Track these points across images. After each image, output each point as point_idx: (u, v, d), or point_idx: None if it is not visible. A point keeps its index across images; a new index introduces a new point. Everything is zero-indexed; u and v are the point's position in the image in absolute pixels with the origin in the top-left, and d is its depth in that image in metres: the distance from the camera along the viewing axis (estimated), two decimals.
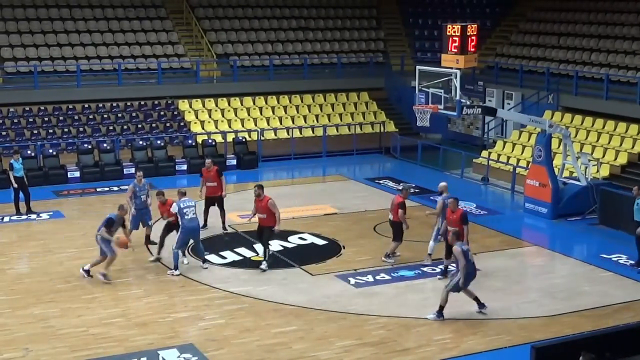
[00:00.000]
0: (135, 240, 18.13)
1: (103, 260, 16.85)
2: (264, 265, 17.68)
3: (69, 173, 26.18)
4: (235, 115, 31.16)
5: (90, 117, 29.46)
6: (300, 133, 30.89)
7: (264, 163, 29.00)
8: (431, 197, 24.26)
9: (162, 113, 30.40)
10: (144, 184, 19.55)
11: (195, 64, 31.90)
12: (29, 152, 26.42)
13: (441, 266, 17.60)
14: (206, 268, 17.77)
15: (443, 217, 17.61)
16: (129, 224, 18.67)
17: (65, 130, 28.60)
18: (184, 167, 27.55)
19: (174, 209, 17.77)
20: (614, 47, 29.36)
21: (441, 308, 15.08)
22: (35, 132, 28.15)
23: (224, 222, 20.73)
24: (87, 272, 17.03)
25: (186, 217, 17.62)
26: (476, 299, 15.32)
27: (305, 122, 31.64)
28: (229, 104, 31.58)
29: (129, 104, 30.25)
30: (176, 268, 17.50)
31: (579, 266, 18.61)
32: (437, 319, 15.05)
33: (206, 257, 18.50)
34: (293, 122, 31.38)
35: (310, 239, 20.15)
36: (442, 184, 18.76)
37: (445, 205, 17.60)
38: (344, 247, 19.45)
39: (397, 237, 18.21)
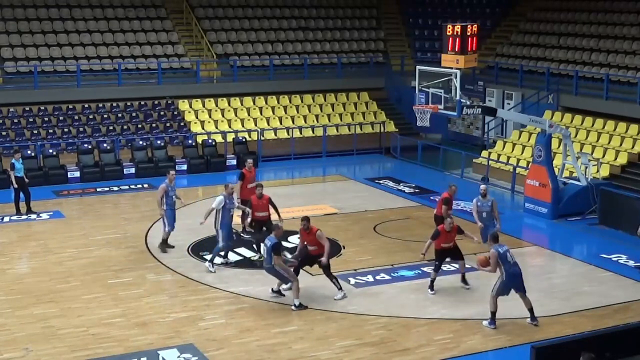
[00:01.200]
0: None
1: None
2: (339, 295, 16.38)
3: (69, 173, 26.18)
4: (235, 115, 31.16)
5: (90, 117, 29.46)
6: (300, 133, 30.89)
7: (264, 163, 29.00)
8: (431, 197, 24.29)
9: (162, 113, 30.40)
10: (174, 184, 19.34)
11: (195, 64, 31.90)
12: (29, 152, 26.41)
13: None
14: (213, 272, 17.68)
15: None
16: (165, 225, 18.64)
17: (65, 130, 28.60)
18: (184, 167, 27.55)
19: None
20: (614, 47, 29.36)
21: (493, 314, 14.88)
22: (35, 132, 28.15)
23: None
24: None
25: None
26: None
27: (305, 122, 31.64)
28: (229, 104, 31.58)
29: (129, 104, 30.25)
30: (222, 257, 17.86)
31: (579, 266, 18.62)
32: (489, 326, 14.83)
33: (206, 257, 18.50)
34: (293, 122, 31.39)
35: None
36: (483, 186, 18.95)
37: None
38: (344, 247, 19.45)
39: None
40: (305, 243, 16.22)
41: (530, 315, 14.96)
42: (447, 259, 16.82)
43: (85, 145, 27.36)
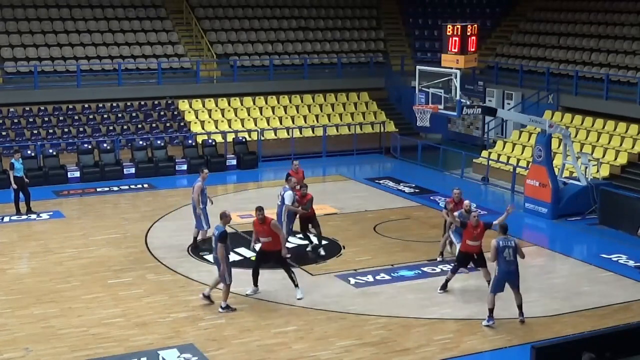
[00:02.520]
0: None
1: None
2: (299, 294, 16.27)
3: (69, 173, 26.17)
4: (235, 115, 31.16)
5: (90, 117, 29.46)
6: (300, 133, 30.89)
7: (264, 163, 29.00)
8: (431, 197, 24.30)
9: (162, 113, 30.40)
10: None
11: (195, 64, 31.90)
12: (29, 152, 26.41)
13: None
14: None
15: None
16: (203, 225, 18.70)
17: (65, 130, 28.60)
18: (184, 167, 27.56)
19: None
20: (614, 47, 29.36)
21: (490, 311, 14.94)
22: (35, 132, 28.15)
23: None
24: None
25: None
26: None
27: (305, 122, 31.64)
28: (229, 104, 31.58)
29: (129, 104, 30.25)
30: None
31: (579, 266, 18.62)
32: (488, 323, 14.87)
33: (205, 256, 18.50)
34: (293, 122, 31.38)
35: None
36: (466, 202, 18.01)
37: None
38: (344, 247, 19.45)
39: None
40: (259, 236, 15.99)
41: (519, 311, 14.98)
42: (470, 265, 16.43)
43: (85, 145, 27.36)
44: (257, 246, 16.53)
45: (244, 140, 29.33)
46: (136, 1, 33.78)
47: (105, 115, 29.68)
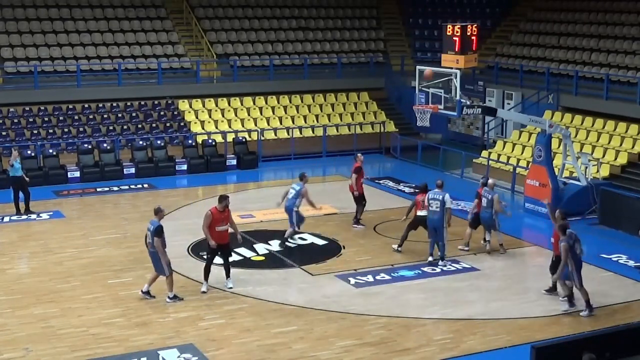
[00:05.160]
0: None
1: None
2: (230, 284, 16.74)
3: (69, 173, 26.18)
4: (235, 115, 31.17)
5: (90, 117, 29.47)
6: (300, 133, 30.89)
7: (264, 163, 29.00)
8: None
9: (162, 113, 30.40)
10: None
11: (195, 64, 31.91)
12: (29, 152, 26.42)
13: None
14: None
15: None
16: (294, 224, 19.46)
17: (65, 130, 28.61)
18: (184, 167, 27.56)
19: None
20: (614, 47, 29.36)
21: (587, 302, 15.32)
22: (35, 132, 28.15)
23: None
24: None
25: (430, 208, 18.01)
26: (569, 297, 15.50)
27: (305, 122, 31.64)
28: (229, 104, 31.59)
29: (129, 104, 30.26)
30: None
31: None
32: (591, 314, 15.27)
33: (205, 256, 18.49)
34: (293, 122, 31.39)
35: (310, 239, 20.14)
36: (490, 181, 19.50)
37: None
38: (344, 247, 19.45)
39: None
40: (216, 227, 16.12)
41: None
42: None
43: (85, 145, 27.36)
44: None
45: (244, 140, 29.33)
46: (136, 1, 33.78)
47: (105, 115, 29.68)
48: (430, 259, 18.21)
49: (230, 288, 16.45)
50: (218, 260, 18.36)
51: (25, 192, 22.29)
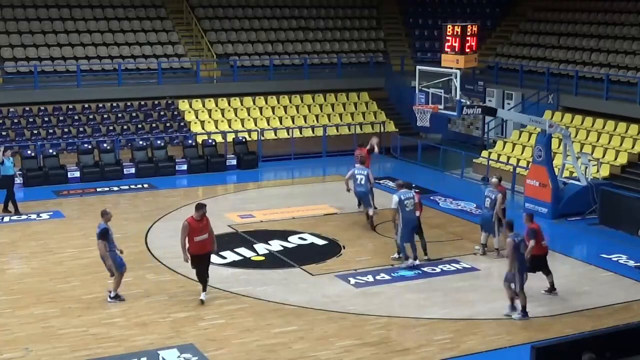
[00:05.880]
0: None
1: None
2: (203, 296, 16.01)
3: (69, 173, 26.16)
4: (235, 115, 31.17)
5: (91, 117, 29.47)
6: (300, 133, 30.89)
7: (264, 163, 28.99)
8: (431, 197, 24.30)
9: (162, 113, 30.41)
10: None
11: (195, 64, 31.91)
12: (29, 152, 26.42)
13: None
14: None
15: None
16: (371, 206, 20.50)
17: (65, 130, 28.61)
18: (184, 167, 27.55)
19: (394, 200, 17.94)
20: (614, 47, 29.36)
21: (523, 307, 15.20)
22: (35, 132, 28.15)
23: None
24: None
25: (406, 209, 17.76)
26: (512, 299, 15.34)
27: (305, 122, 31.64)
28: (229, 104, 31.59)
29: (129, 104, 30.26)
30: (407, 258, 17.84)
31: (579, 266, 18.62)
32: (523, 318, 15.14)
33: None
34: (293, 122, 31.39)
35: (310, 239, 20.15)
36: (494, 179, 19.22)
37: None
38: (344, 247, 19.45)
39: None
40: (194, 237, 15.45)
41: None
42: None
43: (85, 145, 27.36)
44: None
45: (244, 140, 29.32)
46: (136, 1, 33.79)
47: (105, 115, 29.68)
48: (425, 258, 18.23)
49: (202, 301, 15.75)
50: (218, 260, 18.42)
51: (10, 191, 22.19)
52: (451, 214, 22.57)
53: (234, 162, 28.39)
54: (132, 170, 26.85)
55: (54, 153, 26.71)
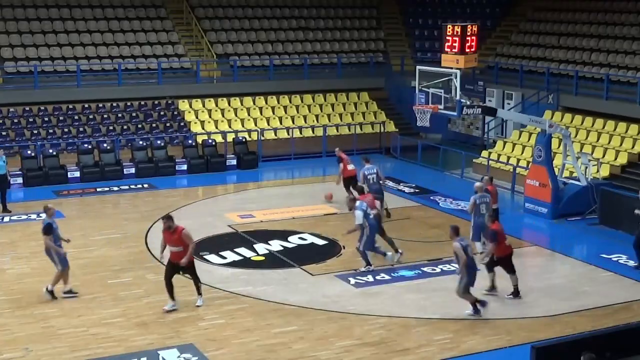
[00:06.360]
0: None
1: None
2: (199, 302, 15.79)
3: (69, 173, 26.17)
4: (235, 115, 31.17)
5: (91, 117, 29.47)
6: (300, 133, 30.89)
7: (264, 163, 29.00)
8: (431, 197, 24.31)
9: (162, 113, 30.41)
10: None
11: (195, 64, 31.91)
12: (29, 152, 26.42)
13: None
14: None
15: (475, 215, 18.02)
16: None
17: (65, 130, 28.61)
18: (184, 167, 27.55)
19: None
20: (614, 47, 29.36)
21: (474, 304, 15.20)
22: (35, 132, 28.15)
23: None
24: None
25: (370, 217, 17.73)
26: (474, 303, 15.29)
27: (305, 122, 31.64)
28: (229, 104, 31.59)
29: (129, 104, 30.26)
30: (368, 264, 17.79)
31: (579, 266, 18.62)
32: (474, 314, 15.16)
33: (206, 257, 18.53)
34: (293, 122, 31.39)
35: (310, 239, 20.15)
36: (478, 184, 18.98)
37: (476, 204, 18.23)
38: (344, 247, 19.44)
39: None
40: (167, 245, 15.31)
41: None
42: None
43: (85, 145, 27.36)
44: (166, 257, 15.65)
45: (244, 140, 29.32)
46: (136, 1, 33.79)
47: (105, 115, 29.68)
48: (399, 252, 18.32)
49: (198, 306, 15.51)
50: (218, 260, 18.43)
51: (3, 190, 22.25)
52: (451, 214, 22.57)
53: (234, 162, 28.39)
54: (132, 170, 26.85)
55: (54, 153, 26.71)
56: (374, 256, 18.09)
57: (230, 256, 18.69)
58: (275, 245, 19.50)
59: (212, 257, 18.61)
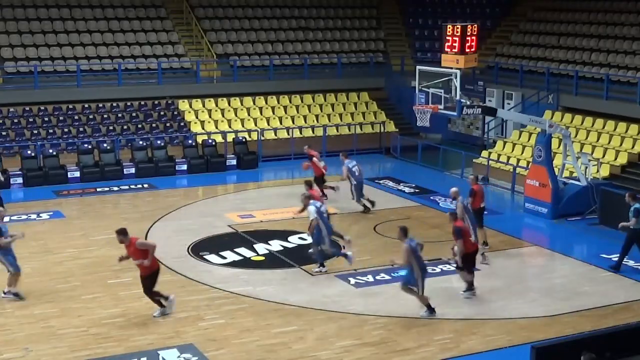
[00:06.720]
0: None
1: None
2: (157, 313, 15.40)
3: (69, 173, 26.18)
4: (235, 115, 31.17)
5: (91, 117, 29.47)
6: (300, 133, 30.89)
7: (264, 163, 29.00)
8: (431, 197, 24.31)
9: (162, 113, 30.40)
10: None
11: (195, 64, 31.91)
12: (29, 152, 26.42)
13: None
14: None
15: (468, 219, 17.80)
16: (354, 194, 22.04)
17: (65, 130, 28.61)
18: (184, 167, 27.56)
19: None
20: (614, 47, 29.36)
21: (427, 305, 15.18)
22: (35, 132, 28.15)
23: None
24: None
25: (324, 215, 17.76)
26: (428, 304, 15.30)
27: (305, 122, 31.64)
28: (229, 104, 31.59)
29: (129, 104, 30.26)
30: (323, 265, 17.83)
31: (579, 266, 18.61)
32: (430, 315, 15.12)
33: (206, 257, 18.53)
34: (293, 122, 31.39)
35: (310, 239, 20.09)
36: (454, 189, 18.64)
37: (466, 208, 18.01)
38: (343, 247, 19.42)
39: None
40: (131, 259, 15.01)
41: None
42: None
43: (85, 145, 27.36)
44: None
45: (244, 140, 29.33)
46: (136, 1, 33.78)
47: (105, 115, 29.68)
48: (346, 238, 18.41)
49: (155, 316, 15.13)
50: (218, 260, 18.44)
51: None
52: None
53: (234, 162, 28.39)
54: (132, 170, 26.85)
55: (54, 153, 26.72)
56: (372, 257, 18.08)
57: (230, 256, 18.70)
58: (275, 245, 19.50)
59: (212, 257, 18.61)
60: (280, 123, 31.20)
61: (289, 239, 19.94)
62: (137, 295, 16.26)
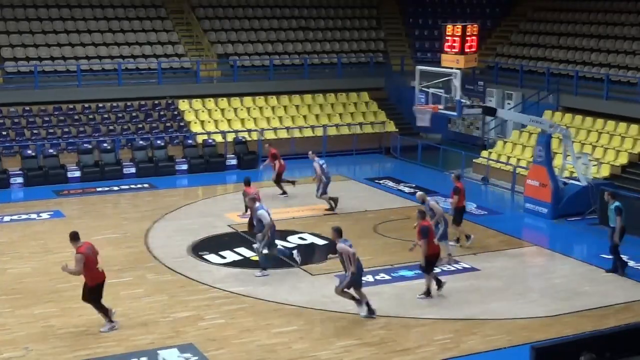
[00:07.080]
0: None
1: None
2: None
3: (69, 173, 26.18)
4: (235, 115, 31.16)
5: (91, 117, 29.46)
6: (300, 133, 30.89)
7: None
8: (431, 197, 24.28)
9: (162, 113, 30.40)
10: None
11: (195, 64, 31.90)
12: (29, 152, 26.43)
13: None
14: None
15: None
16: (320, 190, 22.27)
17: (66, 130, 28.61)
18: (184, 167, 27.57)
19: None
20: (614, 47, 29.36)
21: (363, 303, 15.13)
22: (35, 132, 28.15)
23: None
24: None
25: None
26: (367, 303, 15.21)
27: (305, 122, 31.64)
28: (229, 104, 31.58)
29: (129, 104, 30.26)
30: (266, 268, 17.65)
31: (579, 266, 18.61)
32: (369, 316, 15.10)
33: (206, 257, 18.52)
34: (293, 122, 31.39)
35: (310, 239, 20.14)
36: (419, 193, 18.93)
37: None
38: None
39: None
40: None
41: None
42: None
43: (86, 145, 27.37)
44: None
45: (244, 140, 29.33)
46: (136, 1, 33.78)
47: (106, 115, 29.68)
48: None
49: (102, 331, 14.47)
50: (218, 260, 18.43)
51: None
52: (451, 214, 22.52)
53: (234, 162, 28.40)
54: (132, 170, 26.86)
55: (54, 153, 26.72)
56: (372, 257, 18.07)
57: (230, 256, 18.69)
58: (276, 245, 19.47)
59: (212, 257, 18.61)
60: (280, 123, 31.20)
61: (289, 239, 19.93)
62: (137, 295, 16.28)
